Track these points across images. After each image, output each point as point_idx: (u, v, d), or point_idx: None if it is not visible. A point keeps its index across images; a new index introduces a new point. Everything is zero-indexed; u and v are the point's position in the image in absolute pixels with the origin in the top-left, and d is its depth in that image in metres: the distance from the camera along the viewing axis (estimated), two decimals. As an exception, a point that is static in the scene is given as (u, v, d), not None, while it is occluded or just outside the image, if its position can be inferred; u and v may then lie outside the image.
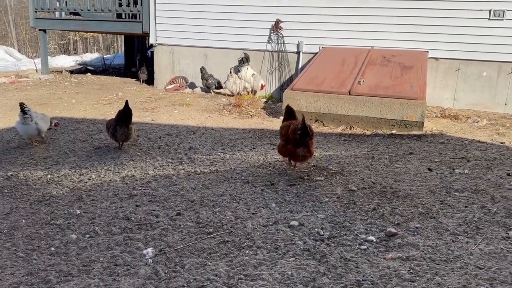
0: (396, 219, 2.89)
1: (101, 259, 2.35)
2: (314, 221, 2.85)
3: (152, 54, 10.28)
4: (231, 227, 2.75)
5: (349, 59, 7.20)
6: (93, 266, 2.28)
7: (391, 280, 2.14)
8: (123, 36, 14.76)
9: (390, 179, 3.75)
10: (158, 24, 9.36)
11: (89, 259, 2.35)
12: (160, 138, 5.14)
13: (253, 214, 2.96)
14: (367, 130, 5.74)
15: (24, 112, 4.37)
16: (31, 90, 8.65)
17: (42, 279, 2.16)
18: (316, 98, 6.03)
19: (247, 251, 2.44)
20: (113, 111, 6.24)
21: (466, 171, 3.99)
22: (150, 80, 10.11)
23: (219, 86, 8.77)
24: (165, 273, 2.21)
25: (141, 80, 10.27)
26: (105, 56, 17.03)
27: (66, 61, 15.68)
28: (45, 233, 2.67)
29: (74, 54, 23.09)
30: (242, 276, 2.18)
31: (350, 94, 5.99)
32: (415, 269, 2.25)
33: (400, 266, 2.28)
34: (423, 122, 5.58)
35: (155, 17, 9.33)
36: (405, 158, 4.43)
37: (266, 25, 8.45)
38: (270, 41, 8.54)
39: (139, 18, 9.60)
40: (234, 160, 4.29)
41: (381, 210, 3.03)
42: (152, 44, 9.80)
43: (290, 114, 4.06)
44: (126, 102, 4.34)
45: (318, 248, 2.48)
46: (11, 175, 3.76)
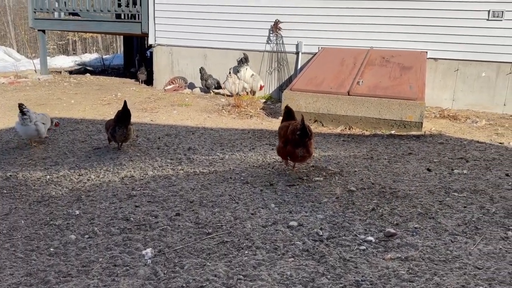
0: (395, 219, 2.90)
1: (100, 259, 2.35)
2: (313, 221, 2.85)
3: (151, 54, 10.27)
4: (230, 228, 2.75)
5: (348, 59, 7.20)
6: (92, 266, 2.28)
7: (390, 281, 2.14)
8: (122, 36, 14.76)
9: (389, 179, 3.75)
10: (157, 24, 9.36)
11: (88, 259, 2.35)
12: (159, 138, 5.13)
13: (252, 214, 2.96)
14: (366, 131, 5.74)
15: (23, 113, 4.37)
16: (30, 90, 8.64)
17: (41, 280, 2.16)
18: (315, 98, 6.04)
19: (246, 252, 2.44)
20: (112, 112, 6.24)
21: (465, 171, 4.00)
22: (149, 81, 10.10)
23: (218, 86, 8.77)
24: (164, 273, 2.21)
25: (140, 80, 10.26)
26: (104, 56, 17.03)
27: (65, 61, 15.68)
28: (44, 233, 2.67)
29: (73, 54, 23.10)
30: (241, 276, 2.18)
31: (349, 95, 5.99)
32: (414, 269, 2.25)
33: (399, 266, 2.28)
34: (422, 123, 5.59)
35: (154, 17, 9.33)
36: (404, 159, 4.44)
37: (265, 25, 8.45)
38: (269, 41, 8.54)
39: (138, 19, 9.60)
40: (233, 160, 4.29)
41: (380, 211, 3.04)
42: (151, 45, 9.79)
43: (289, 114, 4.06)
44: (125, 103, 4.34)
45: (317, 248, 2.48)
46: (10, 175, 3.76)
